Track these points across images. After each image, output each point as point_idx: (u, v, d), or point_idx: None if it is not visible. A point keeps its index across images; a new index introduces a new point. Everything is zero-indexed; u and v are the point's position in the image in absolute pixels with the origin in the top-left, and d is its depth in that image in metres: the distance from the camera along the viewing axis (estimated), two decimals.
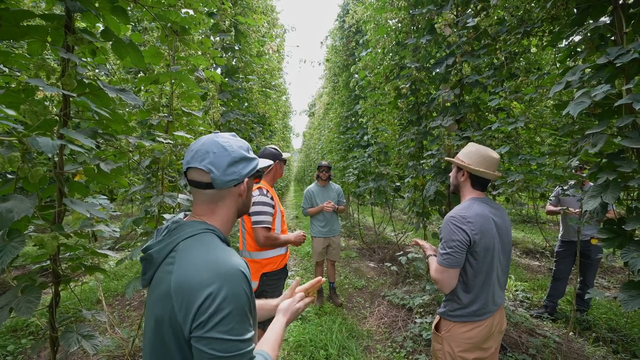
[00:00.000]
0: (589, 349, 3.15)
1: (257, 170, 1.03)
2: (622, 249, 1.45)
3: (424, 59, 3.12)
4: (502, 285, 1.69)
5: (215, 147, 0.92)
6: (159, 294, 0.83)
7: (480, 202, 1.62)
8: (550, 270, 5.31)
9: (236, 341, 0.77)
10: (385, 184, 5.43)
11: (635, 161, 1.39)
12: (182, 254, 0.84)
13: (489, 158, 1.60)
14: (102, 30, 1.29)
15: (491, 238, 1.54)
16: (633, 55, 1.29)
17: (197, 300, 0.76)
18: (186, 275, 0.79)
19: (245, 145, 1.01)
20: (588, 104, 1.45)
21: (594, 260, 3.54)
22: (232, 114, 3.90)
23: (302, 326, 3.61)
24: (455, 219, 1.55)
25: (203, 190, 0.94)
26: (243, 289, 0.81)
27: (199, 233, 0.89)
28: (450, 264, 1.53)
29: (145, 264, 0.90)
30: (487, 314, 1.59)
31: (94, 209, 1.12)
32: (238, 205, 1.00)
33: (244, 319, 0.80)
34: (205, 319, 0.75)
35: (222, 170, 0.91)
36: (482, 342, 1.60)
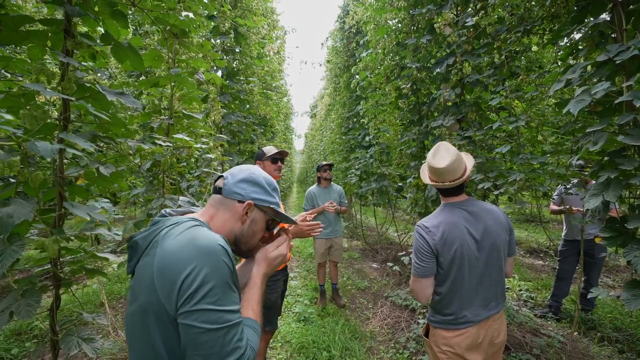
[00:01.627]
0: (594, 349, 3.12)
1: (270, 207, 1.00)
2: (624, 247, 1.43)
3: (425, 58, 3.12)
4: (491, 293, 1.58)
5: (245, 167, 1.02)
6: (142, 282, 0.83)
7: (452, 207, 1.59)
8: (554, 270, 5.26)
9: (224, 311, 0.77)
10: (388, 185, 5.42)
11: (636, 159, 1.38)
12: (164, 239, 0.85)
13: (431, 168, 1.56)
14: (102, 34, 1.30)
15: (459, 246, 1.49)
16: (633, 52, 1.28)
17: (179, 277, 0.77)
18: (166, 256, 0.80)
19: (272, 183, 1.03)
20: (589, 101, 1.44)
21: (598, 259, 3.51)
22: (234, 116, 3.91)
23: (305, 327, 3.61)
24: (420, 228, 1.57)
25: (214, 195, 0.99)
26: (224, 262, 0.81)
27: (184, 222, 0.90)
28: (420, 274, 1.54)
29: (131, 252, 0.91)
30: (467, 323, 1.53)
31: (95, 212, 1.12)
32: (236, 230, 0.97)
33: (228, 290, 0.80)
34: (192, 292, 0.76)
35: (235, 180, 0.97)
36: (465, 352, 1.53)
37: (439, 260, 1.54)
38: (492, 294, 1.59)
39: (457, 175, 1.54)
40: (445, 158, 1.54)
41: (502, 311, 1.64)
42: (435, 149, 1.61)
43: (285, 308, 4.15)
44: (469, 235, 1.54)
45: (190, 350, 0.76)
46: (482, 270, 1.55)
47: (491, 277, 1.58)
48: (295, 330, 3.57)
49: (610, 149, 1.59)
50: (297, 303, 4.29)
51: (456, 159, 1.53)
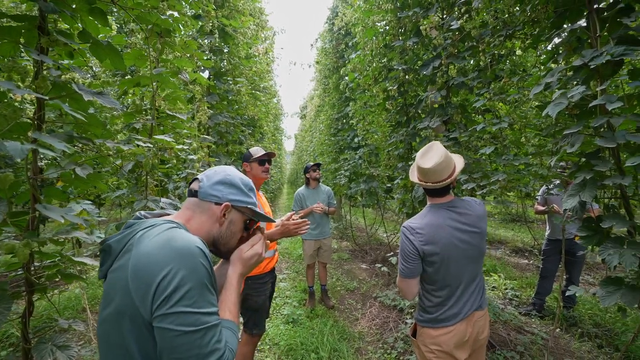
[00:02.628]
0: (574, 345, 3.20)
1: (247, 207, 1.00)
2: (599, 246, 1.47)
3: (411, 61, 3.15)
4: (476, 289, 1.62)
5: (220, 169, 1.01)
6: (116, 286, 0.81)
7: (438, 208, 1.60)
8: (538, 268, 5.38)
9: (202, 314, 0.77)
10: (376, 186, 5.45)
11: (610, 160, 1.42)
12: (139, 242, 0.83)
13: (419, 169, 1.58)
14: (79, 31, 1.27)
15: (444, 246, 1.52)
16: (606, 57, 1.32)
17: (154, 280, 0.75)
18: (142, 258, 0.79)
19: (248, 183, 1.03)
20: (566, 104, 1.48)
21: (579, 258, 3.60)
22: (221, 116, 3.87)
23: (294, 329, 3.59)
24: (405, 230, 1.59)
25: (190, 198, 0.97)
26: (201, 263, 0.80)
27: (160, 224, 0.88)
28: (406, 275, 1.56)
29: (104, 256, 0.89)
30: (454, 319, 1.55)
31: (70, 215, 1.09)
32: (214, 232, 0.97)
33: (205, 292, 0.79)
34: (167, 295, 0.74)
35: (210, 183, 0.96)
36: (454, 350, 1.56)
37: (425, 261, 1.55)
38: (477, 290, 1.63)
39: (444, 177, 1.55)
40: (433, 159, 1.54)
41: (486, 308, 1.68)
42: (426, 149, 1.62)
43: (274, 310, 4.13)
44: (454, 235, 1.56)
45: (167, 354, 0.75)
46: (468, 268, 1.58)
47: (475, 273, 1.62)
48: (283, 332, 3.55)
49: (588, 150, 1.63)
50: (286, 305, 4.27)
51: (444, 160, 1.53)
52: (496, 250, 6.87)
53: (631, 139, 1.29)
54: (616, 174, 1.44)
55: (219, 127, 4.02)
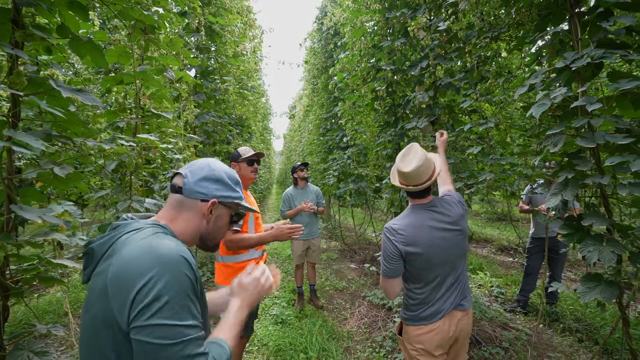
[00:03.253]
0: (557, 339, 3.29)
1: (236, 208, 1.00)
2: (580, 243, 1.51)
3: (400, 61, 3.18)
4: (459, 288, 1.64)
5: (203, 162, 0.96)
6: (96, 290, 0.78)
7: (419, 209, 1.63)
8: (523, 266, 5.50)
9: (181, 326, 0.73)
10: (365, 186, 5.48)
11: (591, 160, 1.46)
12: (122, 246, 0.80)
13: (400, 172, 1.60)
14: (58, 26, 1.22)
15: (426, 246, 1.55)
16: (586, 59, 1.36)
17: (133, 288, 0.72)
18: (122, 265, 0.76)
19: (234, 176, 1.01)
20: (549, 105, 1.51)
21: (561, 255, 3.70)
22: (208, 115, 3.82)
23: (282, 330, 3.57)
24: (387, 231, 1.61)
25: (174, 194, 0.94)
26: (184, 274, 0.77)
27: (145, 227, 0.85)
28: (388, 275, 1.59)
29: (87, 259, 0.86)
30: (434, 316, 1.58)
31: (48, 216, 1.05)
32: (201, 227, 0.96)
33: (187, 303, 0.76)
34: (145, 305, 0.71)
35: (196, 179, 0.93)
36: (433, 348, 1.59)
37: (407, 261, 1.58)
38: (459, 288, 1.65)
39: (423, 180, 1.57)
40: (412, 162, 1.56)
41: (470, 308, 1.70)
42: (405, 152, 1.64)
43: (262, 311, 4.09)
44: (434, 235, 1.58)
45: None
46: (448, 267, 1.61)
47: (456, 272, 1.65)
48: (272, 333, 3.52)
49: (571, 150, 1.67)
50: (275, 305, 4.25)
51: (423, 163, 1.55)
52: (482, 248, 7.00)
53: (610, 140, 1.33)
54: (596, 173, 1.48)
55: (206, 127, 3.96)
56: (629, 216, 2.01)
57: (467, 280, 1.70)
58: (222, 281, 2.25)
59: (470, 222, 9.61)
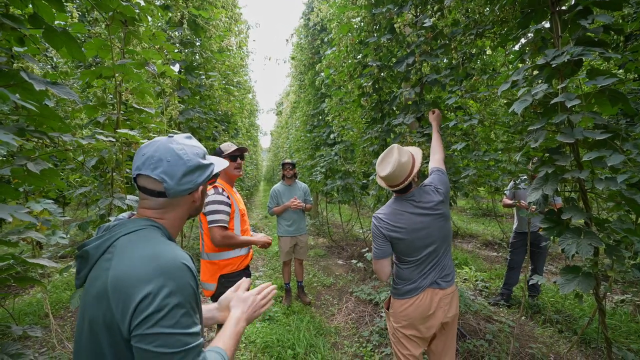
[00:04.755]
0: (538, 331, 3.39)
1: (213, 175, 1.00)
2: (560, 236, 1.55)
3: (386, 57, 3.18)
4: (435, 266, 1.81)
5: (169, 154, 0.87)
6: (94, 293, 0.76)
7: (401, 199, 1.85)
8: (506, 260, 5.65)
9: (183, 334, 0.73)
10: (352, 182, 5.49)
11: (570, 155, 1.50)
12: (121, 250, 0.79)
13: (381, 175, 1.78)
14: (30, 15, 1.16)
15: (407, 231, 1.76)
16: (566, 56, 1.39)
17: (136, 297, 0.71)
18: (124, 271, 0.75)
19: (202, 151, 0.97)
20: (530, 101, 1.54)
21: (543, 249, 3.81)
22: (193, 111, 3.74)
23: (270, 327, 3.56)
24: (375, 218, 1.86)
25: (154, 198, 0.90)
26: (188, 283, 0.78)
27: (141, 229, 0.84)
28: (378, 256, 1.82)
29: (81, 262, 0.83)
30: (415, 291, 1.78)
31: (20, 213, 1.00)
32: (190, 210, 0.99)
33: (189, 312, 0.76)
34: (148, 314, 0.71)
35: (176, 180, 0.88)
36: (418, 321, 1.78)
37: (392, 243, 1.81)
38: (438, 267, 1.82)
39: (401, 180, 1.77)
40: (387, 166, 1.76)
41: (454, 288, 1.87)
42: (383, 156, 1.83)
43: None
44: (414, 220, 1.78)
45: None
46: (429, 248, 1.79)
47: (439, 253, 1.83)
48: (259, 329, 3.51)
49: (551, 146, 1.71)
50: None
51: (397, 167, 1.73)
52: (467, 243, 7.14)
53: (588, 136, 1.36)
54: (575, 168, 1.52)
55: (191, 123, 3.88)
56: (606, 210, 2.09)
57: (449, 261, 1.87)
58: (207, 279, 2.22)
59: (456, 217, 9.79)
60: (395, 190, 1.82)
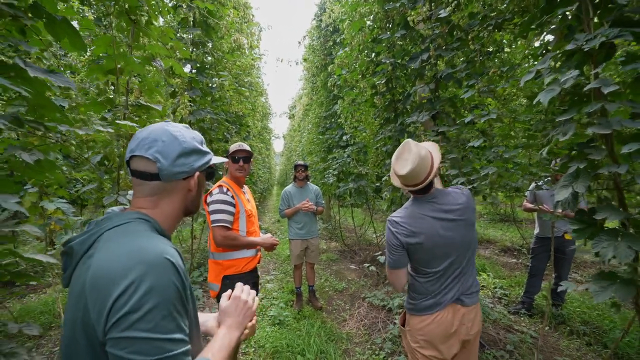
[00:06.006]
0: (563, 343, 3.17)
1: (209, 166, 0.94)
2: (593, 239, 1.41)
3: (399, 54, 3.08)
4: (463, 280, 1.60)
5: (164, 135, 0.83)
6: (75, 293, 0.70)
7: (421, 201, 1.63)
8: (527, 267, 5.38)
9: (162, 340, 0.64)
10: (365, 184, 5.38)
11: (604, 149, 1.36)
12: (102, 245, 0.72)
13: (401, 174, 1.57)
14: (30, 4, 1.14)
15: (428, 237, 1.55)
16: (601, 39, 1.26)
17: (113, 293, 0.64)
18: (103, 267, 0.67)
19: (199, 138, 0.92)
20: (558, 91, 1.41)
21: (568, 255, 3.59)
22: (204, 112, 3.73)
23: (280, 331, 3.48)
24: (390, 223, 1.64)
25: (147, 182, 0.83)
26: (171, 280, 0.69)
27: (127, 222, 0.77)
28: (393, 265, 1.61)
29: (66, 260, 0.77)
30: (435, 307, 1.57)
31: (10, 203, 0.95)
32: (186, 202, 0.91)
33: (172, 314, 0.67)
34: (123, 315, 0.62)
35: (170, 160, 0.82)
36: (438, 340, 1.57)
37: (410, 251, 1.59)
38: (464, 280, 1.61)
39: (421, 179, 1.55)
40: (407, 164, 1.53)
41: (478, 303, 1.65)
42: (399, 152, 1.61)
43: (260, 312, 4.00)
44: (439, 227, 1.57)
45: None
46: (454, 259, 1.59)
47: (464, 265, 1.61)
48: (269, 334, 3.43)
49: (579, 141, 1.57)
50: (273, 306, 4.15)
51: (418, 164, 1.52)
52: (485, 249, 6.88)
53: (627, 126, 1.23)
54: (610, 163, 1.38)
55: (202, 124, 3.87)
56: None
57: (473, 274, 1.65)
58: (212, 279, 2.16)
59: None
60: (414, 190, 1.60)
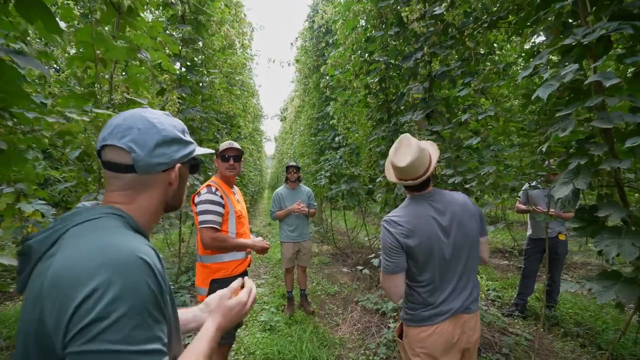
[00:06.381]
0: (558, 345, 3.15)
1: (193, 157, 0.84)
2: (594, 237, 1.37)
3: (392, 53, 3.05)
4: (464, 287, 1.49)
5: (141, 122, 0.73)
6: (31, 299, 0.60)
7: (418, 200, 1.52)
8: (519, 269, 5.39)
9: (133, 353, 0.55)
10: (358, 186, 5.32)
11: (604, 144, 1.33)
12: (68, 242, 0.62)
13: (395, 167, 1.48)
14: None
15: (427, 238, 1.43)
16: (600, 32, 1.23)
17: (76, 297, 0.54)
18: (66, 265, 0.58)
19: (180, 126, 0.82)
20: (557, 86, 1.38)
21: (561, 256, 3.59)
22: (193, 110, 3.63)
23: (271, 337, 3.37)
24: (386, 222, 1.50)
25: (121, 175, 0.73)
26: (145, 282, 0.59)
27: (97, 217, 0.67)
28: (390, 271, 1.45)
29: (22, 260, 0.66)
30: (440, 316, 1.45)
31: None
32: (166, 197, 0.81)
33: (146, 322, 0.58)
34: (88, 323, 0.53)
35: (147, 150, 0.72)
36: (439, 353, 1.45)
37: (409, 254, 1.45)
38: (465, 287, 1.51)
39: (420, 172, 1.46)
40: (406, 156, 1.44)
41: (477, 311, 1.55)
42: (397, 145, 1.51)
43: (250, 317, 3.88)
44: (438, 227, 1.46)
45: None
46: (454, 264, 1.48)
47: (463, 270, 1.50)
48: (260, 340, 3.32)
49: (578, 137, 1.54)
50: (263, 311, 4.03)
51: (418, 156, 1.44)
52: None
53: (628, 120, 1.19)
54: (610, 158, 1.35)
55: (192, 123, 3.77)
56: None
57: (473, 281, 1.54)
58: (199, 283, 2.05)
59: None
60: (412, 185, 1.50)
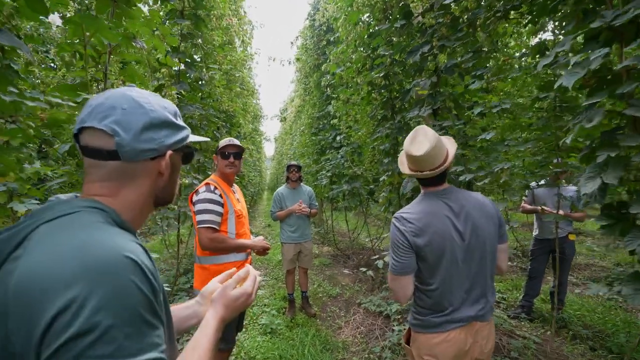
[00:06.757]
0: (567, 348, 3.05)
1: (186, 144, 0.73)
2: (624, 235, 1.28)
3: (397, 47, 2.95)
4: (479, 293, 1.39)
5: (126, 101, 0.62)
6: None
7: (433, 197, 1.42)
8: (523, 270, 5.30)
9: None
10: (360, 186, 5.23)
11: (637, 135, 1.23)
12: (36, 243, 0.51)
13: (410, 157, 1.38)
14: None
15: (440, 238, 1.33)
16: (635, 12, 1.14)
17: (49, 308, 0.44)
18: (34, 270, 0.47)
19: (172, 108, 0.71)
20: (583, 73, 1.29)
21: (568, 256, 3.50)
22: (192, 107, 3.52)
23: (272, 341, 3.26)
24: (396, 220, 1.41)
25: (102, 163, 0.62)
26: (133, 284, 0.50)
27: (73, 212, 0.56)
28: (398, 271, 1.36)
29: None
30: (452, 323, 1.35)
31: None
32: (157, 189, 0.70)
33: (140, 329, 0.49)
34: (69, 339, 0.43)
35: (133, 133, 0.61)
36: None
37: (419, 255, 1.35)
38: (480, 294, 1.39)
39: (438, 163, 1.36)
40: (423, 144, 1.35)
41: (491, 318, 1.45)
42: (413, 135, 1.41)
43: (250, 320, 3.77)
44: (452, 227, 1.36)
45: None
46: (468, 267, 1.37)
47: (478, 275, 1.39)
48: (260, 344, 3.21)
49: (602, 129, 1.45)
50: (264, 314, 3.93)
51: (436, 145, 1.34)
52: None
53: None
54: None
55: (191, 120, 3.66)
56: None
57: (489, 286, 1.42)
58: (198, 285, 1.95)
59: None
60: (428, 177, 1.39)
